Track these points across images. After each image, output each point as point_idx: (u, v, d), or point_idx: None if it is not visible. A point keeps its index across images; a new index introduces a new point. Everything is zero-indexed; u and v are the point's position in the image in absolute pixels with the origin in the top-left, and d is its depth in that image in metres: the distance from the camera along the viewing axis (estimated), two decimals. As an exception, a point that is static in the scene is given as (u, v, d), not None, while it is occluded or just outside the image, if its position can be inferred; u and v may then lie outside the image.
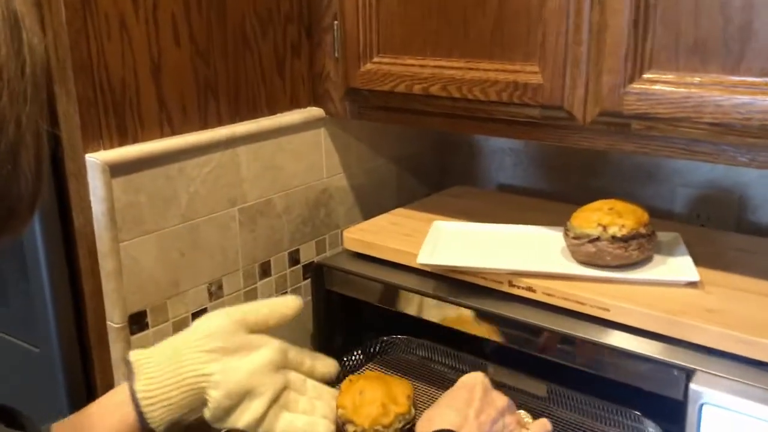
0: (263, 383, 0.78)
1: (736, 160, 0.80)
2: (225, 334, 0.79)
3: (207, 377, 0.76)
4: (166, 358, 0.77)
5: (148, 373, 0.76)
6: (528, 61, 0.90)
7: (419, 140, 1.38)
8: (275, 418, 0.79)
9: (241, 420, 0.78)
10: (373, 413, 0.83)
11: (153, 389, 0.75)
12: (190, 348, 0.78)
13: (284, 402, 0.80)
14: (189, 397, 0.76)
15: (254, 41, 1.04)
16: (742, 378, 0.74)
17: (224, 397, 0.77)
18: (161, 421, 0.76)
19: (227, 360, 0.78)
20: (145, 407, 0.75)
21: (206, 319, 0.81)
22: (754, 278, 0.89)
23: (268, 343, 0.81)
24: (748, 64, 0.75)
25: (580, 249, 0.91)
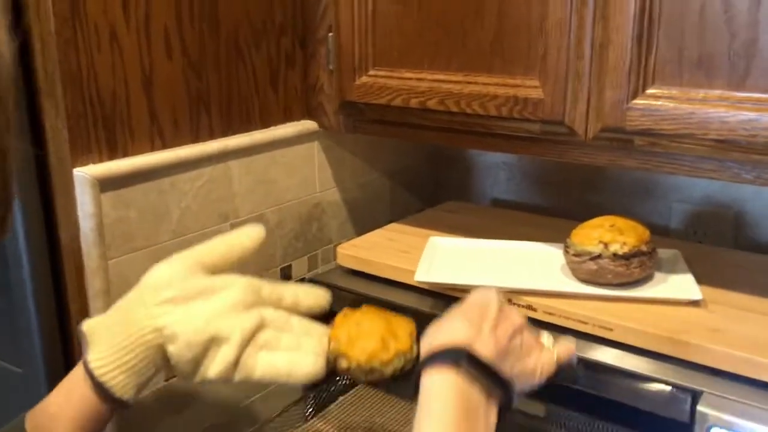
0: (228, 326, 0.70)
1: (741, 177, 0.79)
2: (178, 282, 0.71)
3: (160, 332, 0.69)
4: (117, 321, 0.70)
5: (99, 342, 0.69)
6: (528, 75, 0.88)
7: (413, 154, 1.36)
8: (252, 360, 0.71)
9: (211, 370, 0.70)
10: (370, 347, 0.73)
11: (105, 357, 0.68)
12: (141, 304, 0.71)
13: (263, 342, 0.72)
14: (149, 357, 0.69)
15: (248, 53, 1.02)
16: (750, 400, 0.72)
17: (184, 350, 0.69)
18: (126, 388, 0.69)
19: (184, 308, 0.70)
20: (102, 377, 0.68)
21: (156, 269, 0.73)
22: (756, 296, 0.88)
23: (233, 283, 0.73)
24: (753, 81, 0.74)
25: (581, 267, 0.90)
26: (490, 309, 0.68)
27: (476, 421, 0.59)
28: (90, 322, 0.71)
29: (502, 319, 0.68)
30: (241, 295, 0.72)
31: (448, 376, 0.60)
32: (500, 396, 0.63)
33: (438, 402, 0.59)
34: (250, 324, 0.71)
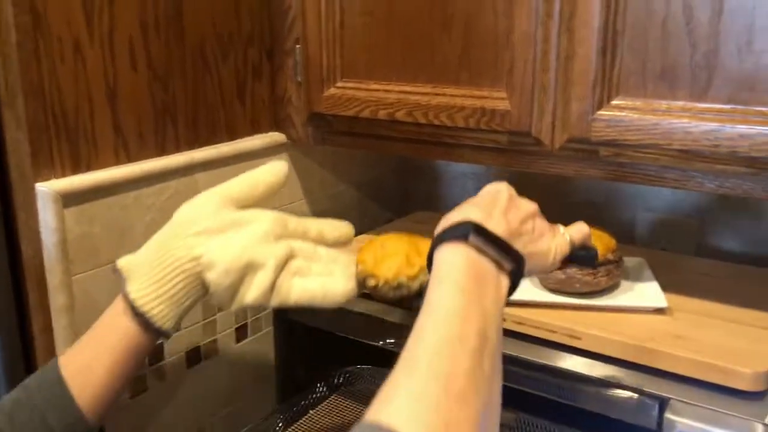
0: (263, 253, 0.72)
1: (704, 186, 0.80)
2: (209, 215, 0.74)
3: (198, 260, 0.71)
4: (153, 256, 0.72)
5: (138, 274, 0.71)
6: (495, 87, 0.89)
7: (381, 166, 1.36)
8: (287, 286, 0.73)
9: (249, 295, 0.72)
10: (395, 265, 0.75)
11: (145, 288, 0.71)
12: (176, 237, 0.73)
13: (295, 269, 0.74)
14: (188, 286, 0.72)
15: (214, 64, 1.01)
16: (716, 406, 0.74)
17: (222, 276, 0.71)
18: (166, 318, 0.71)
19: (218, 239, 0.72)
20: (144, 308, 0.70)
21: (187, 205, 0.76)
22: (720, 303, 0.89)
23: (262, 216, 0.75)
24: (715, 91, 0.76)
25: (550, 276, 0.91)
26: (500, 197, 0.68)
27: (485, 285, 0.58)
28: (124, 259, 0.73)
29: (513, 206, 0.68)
30: (271, 226, 0.74)
31: (457, 248, 0.60)
32: (511, 269, 0.62)
33: (447, 267, 0.59)
34: (282, 252, 0.73)
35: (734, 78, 0.74)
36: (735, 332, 0.82)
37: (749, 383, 0.74)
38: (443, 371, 0.50)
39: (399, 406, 0.48)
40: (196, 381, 1.04)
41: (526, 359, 0.85)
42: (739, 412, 0.72)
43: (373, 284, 0.76)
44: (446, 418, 0.48)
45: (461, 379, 0.50)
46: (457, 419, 0.48)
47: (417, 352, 0.52)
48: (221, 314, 1.06)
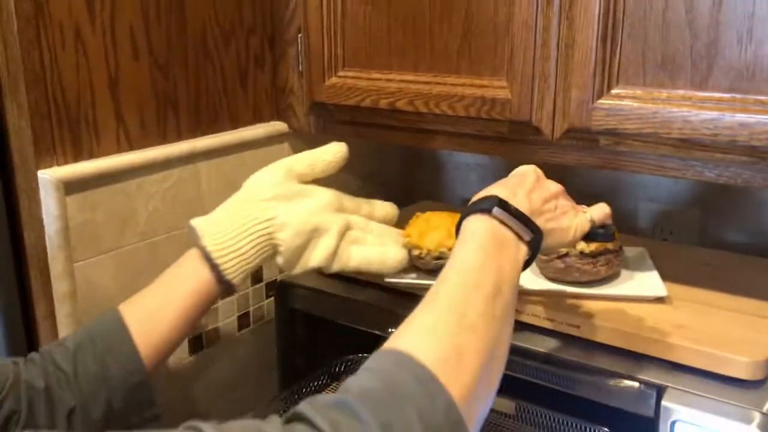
0: (328, 219, 0.81)
1: (704, 175, 0.80)
2: (278, 184, 0.81)
3: (271, 221, 0.79)
4: (228, 217, 0.79)
5: (213, 231, 0.78)
6: (496, 75, 0.89)
7: (384, 155, 1.36)
8: (347, 252, 0.82)
9: (314, 257, 0.81)
10: (437, 237, 0.87)
11: (222, 242, 0.77)
12: (249, 201, 0.80)
13: (353, 238, 0.83)
14: (259, 245, 0.79)
15: (216, 53, 1.01)
16: (714, 394, 0.74)
17: (293, 237, 0.79)
18: (237, 271, 0.78)
19: (285, 205, 0.80)
20: (219, 260, 0.77)
21: (255, 176, 0.83)
22: (720, 293, 0.89)
23: (322, 190, 0.83)
24: (715, 80, 0.75)
25: (549, 265, 0.91)
26: (527, 178, 0.73)
27: (505, 248, 0.63)
28: (197, 219, 0.80)
29: (538, 186, 0.73)
30: (330, 199, 0.83)
31: (482, 218, 0.65)
32: (530, 240, 0.66)
33: (471, 232, 0.64)
34: (343, 221, 0.82)
35: (734, 67, 0.74)
36: (735, 321, 0.82)
37: (748, 372, 0.74)
38: (458, 308, 0.55)
39: (414, 335, 0.53)
40: (197, 368, 1.05)
41: (525, 348, 0.85)
42: (737, 400, 0.72)
43: (417, 254, 0.87)
44: (457, 345, 0.52)
45: (473, 316, 0.55)
46: (467, 348, 0.53)
47: (436, 294, 0.57)
48: (223, 302, 1.07)
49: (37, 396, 0.68)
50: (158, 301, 0.77)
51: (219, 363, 1.08)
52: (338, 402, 0.46)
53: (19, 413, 0.67)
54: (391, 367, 0.50)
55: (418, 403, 0.47)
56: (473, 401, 0.51)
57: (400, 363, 0.50)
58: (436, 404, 0.48)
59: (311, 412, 0.46)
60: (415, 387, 0.48)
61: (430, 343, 0.52)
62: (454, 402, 0.49)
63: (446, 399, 0.49)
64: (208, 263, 0.77)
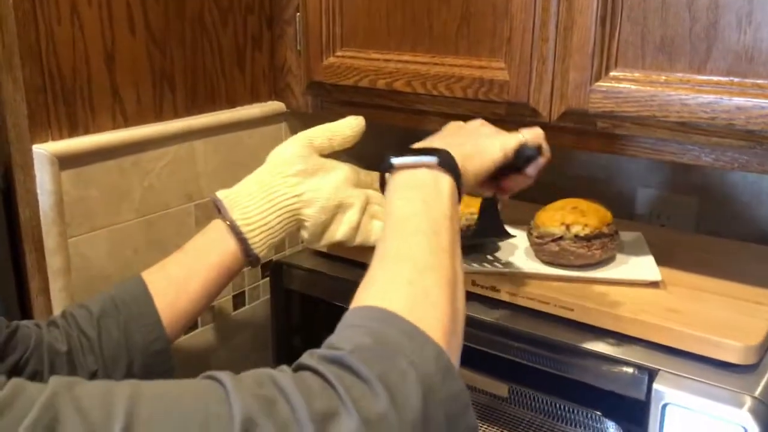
0: (351, 195, 0.83)
1: (701, 160, 0.80)
2: (302, 158, 0.82)
3: (299, 197, 0.80)
4: (256, 189, 0.80)
5: (241, 204, 0.79)
6: (494, 57, 0.89)
7: (381, 137, 1.35)
8: (369, 227, 0.84)
9: (339, 231, 0.83)
10: None
11: (250, 216, 0.79)
12: (275, 176, 0.81)
13: (373, 213, 0.84)
14: (285, 219, 0.80)
15: (213, 31, 1.01)
16: (705, 378, 0.74)
17: (320, 212, 0.81)
18: (263, 245, 0.80)
19: (311, 180, 0.81)
20: (247, 233, 0.78)
21: (279, 150, 0.84)
22: (714, 278, 0.89)
23: (340, 164, 0.84)
24: (714, 64, 0.75)
25: (544, 248, 0.91)
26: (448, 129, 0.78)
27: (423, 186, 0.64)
28: (224, 192, 0.81)
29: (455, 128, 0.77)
30: (351, 173, 0.84)
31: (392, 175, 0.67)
32: (442, 164, 0.66)
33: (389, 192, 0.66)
34: (364, 195, 0.84)
35: (733, 50, 0.74)
36: (728, 306, 0.82)
37: (740, 356, 0.74)
38: (407, 257, 0.57)
39: (379, 290, 0.54)
40: (193, 347, 1.05)
41: (518, 330, 0.85)
42: (728, 384, 0.73)
43: None
44: (422, 288, 0.54)
45: (424, 258, 0.57)
46: (430, 288, 0.55)
47: (384, 252, 0.59)
48: (218, 281, 1.07)
49: (59, 359, 0.70)
50: (183, 270, 0.78)
51: (213, 342, 1.08)
52: (336, 358, 0.48)
53: (42, 373, 0.68)
54: (376, 323, 0.51)
55: (409, 355, 0.49)
56: (451, 337, 0.53)
57: (383, 319, 0.51)
58: (425, 354, 0.49)
59: (317, 364, 0.47)
60: (404, 340, 0.50)
61: (395, 294, 0.53)
62: (441, 348, 0.51)
63: (433, 347, 0.50)
64: (236, 236, 0.78)
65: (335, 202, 0.81)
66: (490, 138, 0.74)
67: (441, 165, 0.66)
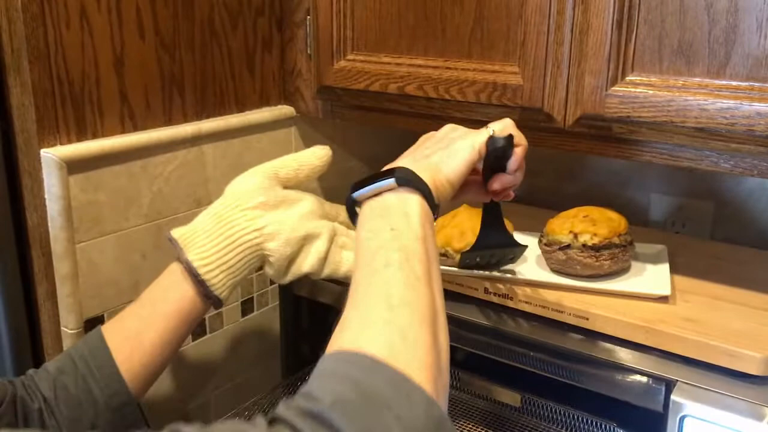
0: (317, 225, 0.78)
1: (719, 166, 0.78)
2: (263, 190, 0.77)
3: (260, 231, 0.75)
4: (212, 226, 0.75)
5: (197, 243, 0.74)
6: (508, 61, 0.87)
7: (392, 142, 1.34)
8: (338, 258, 0.78)
9: (306, 263, 0.77)
10: (447, 235, 0.89)
11: (208, 256, 0.74)
12: (233, 209, 0.76)
13: (341, 244, 0.79)
14: (246, 257, 0.75)
15: (223, 35, 1.00)
16: (723, 389, 0.72)
17: (284, 245, 0.76)
18: (224, 285, 0.74)
19: (273, 213, 0.76)
20: (205, 274, 0.73)
21: (240, 180, 0.79)
22: (731, 286, 0.87)
23: (305, 196, 0.80)
24: (733, 68, 0.73)
25: (552, 256, 0.89)
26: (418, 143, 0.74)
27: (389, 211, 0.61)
28: (179, 230, 0.76)
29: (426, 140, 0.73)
30: (315, 206, 0.80)
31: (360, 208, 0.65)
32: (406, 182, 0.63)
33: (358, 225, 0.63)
34: (331, 225, 0.79)
35: (753, 54, 0.72)
36: (746, 316, 0.80)
37: (758, 367, 0.72)
38: (380, 293, 0.53)
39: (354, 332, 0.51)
40: (200, 354, 1.04)
41: (532, 339, 0.84)
42: (748, 396, 0.71)
43: None
44: (397, 327, 0.50)
45: (398, 292, 0.53)
46: (407, 324, 0.51)
47: (355, 289, 0.56)
48: (227, 287, 1.06)
49: (31, 415, 0.68)
50: (140, 321, 0.74)
51: (222, 349, 1.07)
52: (315, 412, 0.44)
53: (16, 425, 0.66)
54: (356, 370, 0.47)
55: (395, 408, 0.45)
56: (437, 378, 0.49)
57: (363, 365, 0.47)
58: (413, 406, 0.45)
59: (294, 417, 0.44)
60: (388, 391, 0.46)
61: (372, 336, 0.49)
62: (430, 397, 0.47)
63: (421, 396, 0.46)
64: (193, 278, 0.73)
65: (301, 233, 0.76)
66: (460, 139, 0.71)
67: (401, 184, 0.62)
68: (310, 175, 0.82)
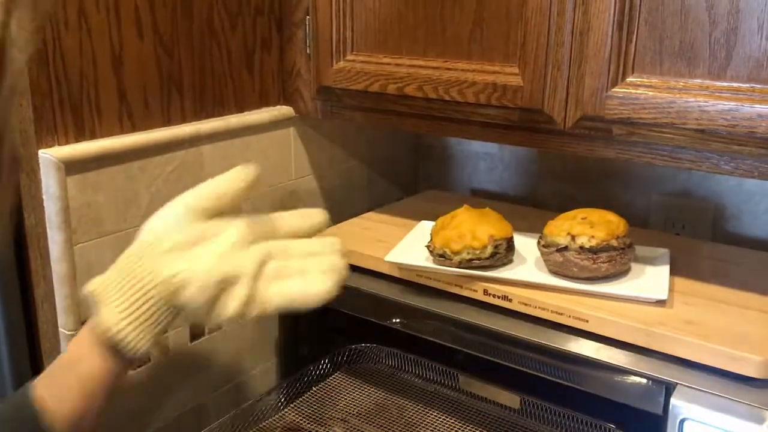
0: (239, 263, 0.68)
1: (720, 168, 0.78)
2: (180, 226, 0.69)
3: (171, 279, 0.67)
4: (124, 278, 0.68)
5: (109, 299, 0.68)
6: (507, 62, 0.87)
7: (392, 143, 1.34)
8: (266, 294, 0.69)
9: (227, 310, 0.68)
10: (446, 237, 0.90)
11: (117, 313, 0.67)
12: (145, 257, 0.68)
13: (273, 273, 0.70)
14: (160, 309, 0.68)
15: (222, 34, 0.99)
16: (724, 392, 0.72)
17: (199, 293, 0.67)
18: (140, 345, 0.68)
19: (189, 254, 0.68)
20: (117, 336, 0.66)
21: (151, 222, 0.71)
22: (732, 289, 0.87)
23: (229, 224, 0.70)
24: (734, 70, 0.73)
25: (549, 258, 0.89)
26: None
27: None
28: (95, 282, 0.69)
29: None
30: (240, 234, 0.70)
31: None
32: None
33: None
34: (258, 257, 0.70)
35: (754, 56, 0.72)
36: (746, 318, 0.80)
37: (758, 370, 0.72)
38: None
39: None
40: (198, 355, 1.03)
41: (531, 340, 0.84)
42: (748, 399, 0.71)
43: (427, 246, 0.92)
44: None
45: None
46: None
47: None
48: (226, 288, 1.06)
49: None
50: (61, 383, 0.69)
51: (219, 351, 1.07)
52: None
53: None
54: None
55: None
56: None
57: None
58: None
59: None
60: None
61: None
62: None
63: None
64: (104, 340, 0.67)
65: (217, 276, 0.67)
66: None
67: None
68: (236, 199, 0.73)
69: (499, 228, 0.90)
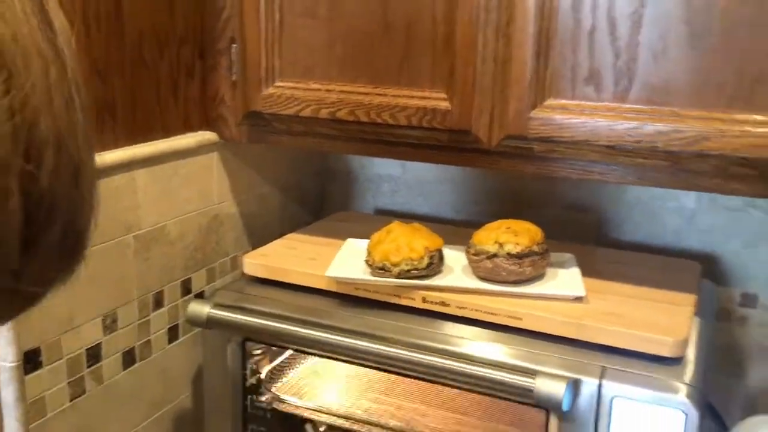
0: None
1: (626, 179, 0.90)
2: None
3: None
4: None
5: None
6: (434, 88, 0.95)
7: (303, 168, 1.39)
8: None
9: None
10: (384, 250, 0.96)
11: None
12: None
13: None
14: None
15: (152, 62, 1.00)
16: (645, 371, 0.83)
17: None
18: None
19: None
20: None
21: None
22: (634, 285, 0.99)
23: None
24: (635, 94, 0.86)
25: (479, 265, 0.97)
26: None
27: None
28: None
29: None
30: None
31: None
32: None
33: None
34: None
35: (651, 82, 0.85)
36: (654, 309, 0.92)
37: (671, 350, 0.84)
38: None
39: None
40: (131, 382, 1.01)
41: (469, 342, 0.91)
42: (665, 375, 0.82)
43: (366, 260, 0.98)
44: None
45: None
46: None
47: None
48: (155, 314, 1.05)
49: None
50: None
51: (151, 378, 1.05)
52: None
53: None
54: None
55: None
56: None
57: None
58: None
59: None
60: None
61: None
62: None
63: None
64: None
65: None
66: None
67: None
68: None
69: (431, 240, 0.98)
